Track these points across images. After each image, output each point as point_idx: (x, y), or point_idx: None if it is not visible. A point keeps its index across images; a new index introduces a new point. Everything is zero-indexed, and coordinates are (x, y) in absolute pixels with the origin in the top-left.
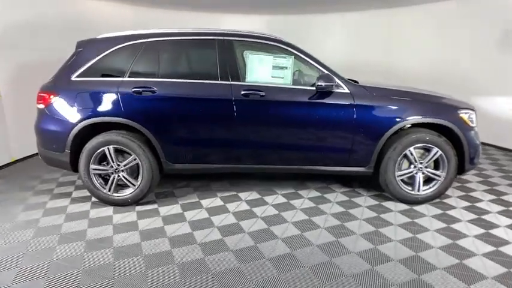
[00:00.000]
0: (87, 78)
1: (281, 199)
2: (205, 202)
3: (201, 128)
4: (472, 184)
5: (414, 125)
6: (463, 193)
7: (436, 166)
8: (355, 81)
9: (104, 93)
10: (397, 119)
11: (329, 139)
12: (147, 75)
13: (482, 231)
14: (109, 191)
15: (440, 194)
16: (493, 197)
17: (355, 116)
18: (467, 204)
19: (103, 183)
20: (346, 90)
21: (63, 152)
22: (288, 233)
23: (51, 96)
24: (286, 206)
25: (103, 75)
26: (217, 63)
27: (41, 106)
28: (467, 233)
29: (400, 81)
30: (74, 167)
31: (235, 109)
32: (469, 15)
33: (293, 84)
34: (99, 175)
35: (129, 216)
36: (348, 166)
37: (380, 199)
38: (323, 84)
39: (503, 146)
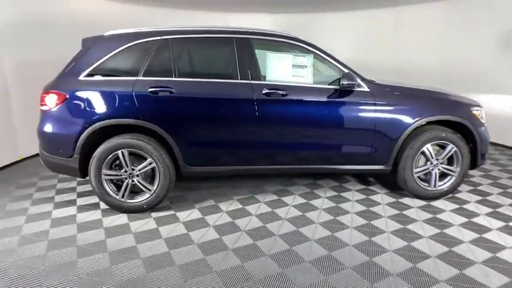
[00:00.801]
0: (97, 78)
1: (300, 199)
2: (224, 205)
3: (222, 129)
4: (475, 178)
5: (428, 123)
6: (471, 187)
7: (450, 162)
8: (372, 80)
9: (118, 93)
10: (416, 117)
11: (351, 138)
12: (162, 75)
13: (502, 223)
14: (122, 197)
15: (454, 189)
16: (500, 190)
17: (376, 115)
18: (479, 198)
19: (115, 189)
20: (366, 89)
21: (71, 157)
22: (318, 234)
23: (58, 98)
24: (307, 206)
25: (113, 75)
26: (237, 62)
27: (46, 108)
28: (489, 226)
29: (408, 79)
30: (82, 173)
31: (256, 109)
32: (477, 14)
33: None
34: (111, 181)
35: (147, 223)
36: (369, 164)
37: (396, 196)
38: (347, 83)
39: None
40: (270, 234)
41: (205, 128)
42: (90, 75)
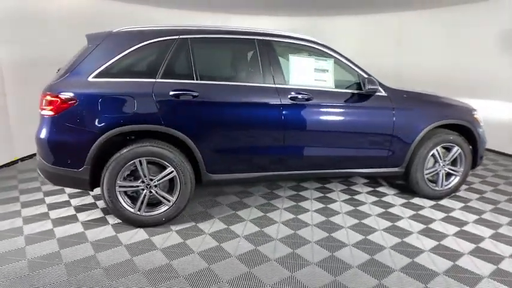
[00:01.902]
0: (110, 79)
1: (317, 204)
2: (244, 213)
3: (246, 135)
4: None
5: (436, 126)
6: (466, 186)
7: (453, 163)
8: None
9: (136, 97)
10: (429, 121)
11: (372, 142)
12: (183, 77)
13: (508, 219)
14: (139, 210)
15: (457, 188)
16: (491, 187)
17: (394, 119)
18: (477, 195)
19: (129, 201)
20: (384, 94)
21: (81, 168)
22: (353, 238)
23: (65, 101)
24: (327, 211)
25: (126, 76)
26: (260, 65)
27: (49, 113)
28: (499, 222)
29: (408, 84)
30: (91, 186)
31: (282, 114)
32: (478, 19)
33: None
34: (125, 192)
35: (171, 237)
36: (385, 167)
37: (405, 196)
38: (371, 87)
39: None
40: (306, 242)
41: (230, 133)
42: (100, 75)
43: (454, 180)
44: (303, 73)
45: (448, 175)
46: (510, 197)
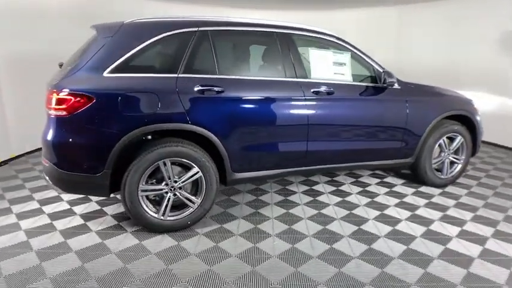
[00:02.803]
0: (128, 75)
1: (334, 198)
2: (266, 211)
3: (272, 130)
4: None
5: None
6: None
7: (455, 151)
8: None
9: (160, 93)
10: (438, 113)
11: (388, 133)
12: (206, 72)
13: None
14: (163, 214)
15: (460, 176)
16: (484, 173)
17: (407, 111)
18: (476, 181)
19: (151, 206)
20: (398, 87)
21: (101, 172)
22: (382, 230)
23: (80, 100)
24: (346, 204)
25: (144, 71)
26: (282, 59)
27: (61, 113)
28: (506, 205)
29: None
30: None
31: (306, 108)
32: (480, 13)
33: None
34: (146, 196)
35: (201, 241)
36: (398, 158)
37: (414, 186)
38: (390, 80)
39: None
40: (340, 236)
41: (256, 129)
42: (116, 71)
43: (457, 168)
44: (323, 67)
45: (451, 163)
46: (504, 182)
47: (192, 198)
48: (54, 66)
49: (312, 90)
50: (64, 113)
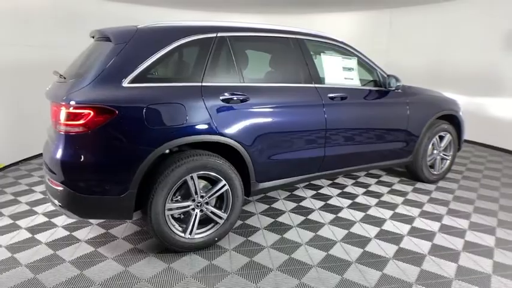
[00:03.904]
0: (150, 84)
1: (345, 201)
2: (285, 219)
3: (295, 137)
4: None
5: None
6: None
7: (444, 149)
8: None
9: (187, 104)
10: (433, 113)
11: (394, 135)
12: (228, 79)
13: (497, 192)
14: (190, 233)
15: (448, 171)
16: (463, 167)
17: (408, 112)
18: (460, 175)
19: (177, 225)
20: (400, 90)
21: (125, 193)
22: (403, 228)
23: (101, 114)
24: (358, 206)
25: (167, 80)
26: (299, 64)
27: (78, 129)
28: (494, 196)
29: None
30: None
31: (325, 114)
32: (473, 15)
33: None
34: (172, 215)
35: (234, 257)
36: (401, 158)
37: (409, 182)
38: (398, 84)
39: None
40: (367, 239)
41: (279, 137)
42: (137, 80)
43: (446, 164)
44: (335, 72)
45: (441, 160)
46: (480, 173)
47: (219, 213)
48: (44, 73)
49: (328, 96)
50: (81, 129)
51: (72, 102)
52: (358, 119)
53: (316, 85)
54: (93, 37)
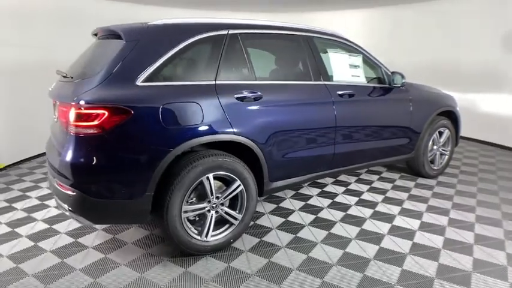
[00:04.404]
0: (164, 83)
1: (351, 198)
2: (296, 218)
3: (307, 135)
4: None
5: None
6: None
7: (443, 144)
8: None
9: (203, 103)
10: (434, 109)
11: (398, 131)
12: (240, 77)
13: (495, 186)
14: (206, 235)
15: (447, 166)
16: (459, 163)
17: (411, 109)
18: (457, 170)
19: (191, 227)
20: (403, 87)
21: (142, 196)
22: (414, 224)
23: (116, 114)
24: (366, 203)
25: (180, 78)
26: (308, 62)
27: (93, 131)
28: (493, 189)
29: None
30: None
31: (334, 111)
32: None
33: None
34: (187, 218)
35: (252, 259)
36: (404, 154)
37: (410, 178)
38: (403, 80)
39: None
40: (381, 235)
41: (293, 135)
42: (150, 79)
43: (445, 159)
44: (342, 69)
45: (441, 155)
46: (476, 167)
47: (234, 213)
48: (44, 74)
49: (337, 93)
50: (95, 130)
51: (84, 102)
52: (365, 115)
53: (326, 82)
54: (95, 35)
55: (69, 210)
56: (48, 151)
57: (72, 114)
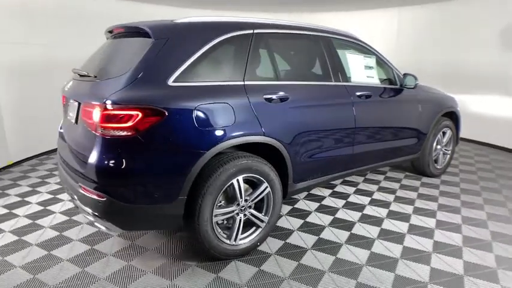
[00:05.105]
0: (196, 83)
1: (364, 198)
2: (314, 219)
3: (330, 136)
4: None
5: None
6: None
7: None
8: None
9: (234, 104)
10: (438, 110)
11: (409, 131)
12: (266, 78)
13: (496, 184)
14: (235, 239)
15: (449, 165)
16: (456, 161)
17: (420, 110)
18: (457, 169)
19: (220, 231)
20: (415, 88)
21: (175, 200)
22: (429, 222)
23: (150, 116)
24: (378, 202)
25: (210, 78)
26: (328, 63)
27: (126, 133)
28: (490, 186)
29: None
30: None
31: (354, 112)
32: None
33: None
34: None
35: (282, 262)
36: (412, 154)
37: (415, 177)
38: (416, 82)
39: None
40: (402, 234)
41: (317, 136)
42: (181, 79)
43: (446, 159)
44: (359, 70)
45: (443, 155)
46: (473, 166)
47: (261, 216)
48: (49, 71)
49: (356, 94)
50: (129, 132)
51: (115, 103)
52: (380, 116)
53: (345, 83)
54: (110, 32)
55: (95, 215)
56: (62, 153)
57: (102, 115)
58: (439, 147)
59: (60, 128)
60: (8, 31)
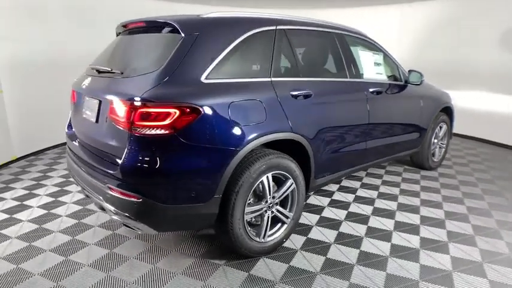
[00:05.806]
0: (228, 80)
1: (371, 192)
2: (329, 214)
3: (348, 131)
4: None
5: None
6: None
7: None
8: None
9: (265, 101)
10: (438, 105)
11: (413, 126)
12: (291, 74)
13: (490, 175)
14: (263, 237)
15: (444, 158)
16: (448, 155)
17: (422, 105)
18: (450, 162)
19: (250, 229)
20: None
21: (211, 199)
22: (439, 214)
23: (186, 114)
24: (385, 196)
25: (239, 75)
26: (343, 59)
27: (163, 131)
28: (488, 178)
29: None
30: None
31: (368, 108)
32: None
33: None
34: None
35: (310, 258)
36: (413, 148)
37: (414, 170)
38: (423, 79)
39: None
40: (416, 226)
41: (337, 132)
42: (212, 76)
43: (442, 152)
44: (370, 67)
45: (439, 148)
46: (464, 158)
47: (286, 212)
48: (53, 68)
49: (370, 90)
50: (167, 130)
51: (150, 101)
52: (390, 112)
53: (360, 80)
54: (124, 26)
55: (129, 217)
56: (78, 153)
57: (138, 114)
58: (435, 141)
59: (69, 127)
60: (15, 27)
